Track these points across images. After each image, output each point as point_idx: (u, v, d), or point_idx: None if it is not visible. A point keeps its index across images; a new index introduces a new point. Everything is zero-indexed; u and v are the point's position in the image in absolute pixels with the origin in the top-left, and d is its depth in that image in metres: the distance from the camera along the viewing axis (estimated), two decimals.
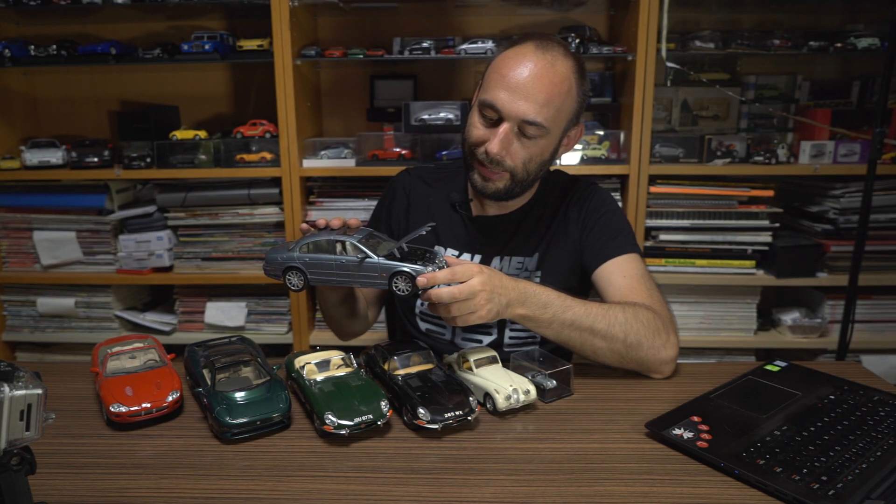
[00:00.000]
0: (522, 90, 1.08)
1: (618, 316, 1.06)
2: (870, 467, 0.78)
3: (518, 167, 1.14)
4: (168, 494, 0.77)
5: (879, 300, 2.17)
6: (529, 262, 1.26)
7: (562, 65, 1.10)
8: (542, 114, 1.09)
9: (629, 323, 1.05)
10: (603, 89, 2.25)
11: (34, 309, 2.30)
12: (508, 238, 1.27)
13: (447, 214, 1.30)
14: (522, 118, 1.09)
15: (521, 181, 1.16)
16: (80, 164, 2.14)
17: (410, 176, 1.37)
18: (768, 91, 2.31)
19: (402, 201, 1.35)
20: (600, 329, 1.05)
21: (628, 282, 1.16)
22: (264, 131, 2.13)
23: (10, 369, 0.59)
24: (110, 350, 1.04)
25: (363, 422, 0.88)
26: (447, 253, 1.28)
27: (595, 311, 1.05)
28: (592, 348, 1.07)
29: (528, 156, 1.13)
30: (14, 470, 0.59)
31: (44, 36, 2.32)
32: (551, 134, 1.12)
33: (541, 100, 1.08)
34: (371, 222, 1.40)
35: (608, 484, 0.79)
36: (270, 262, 1.05)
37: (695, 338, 2.18)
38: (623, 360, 1.08)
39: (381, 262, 0.98)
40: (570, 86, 1.11)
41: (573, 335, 1.05)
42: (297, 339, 2.22)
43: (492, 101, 1.10)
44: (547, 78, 1.08)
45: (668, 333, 1.08)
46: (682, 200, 2.10)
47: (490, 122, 1.12)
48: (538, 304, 1.03)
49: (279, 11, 1.97)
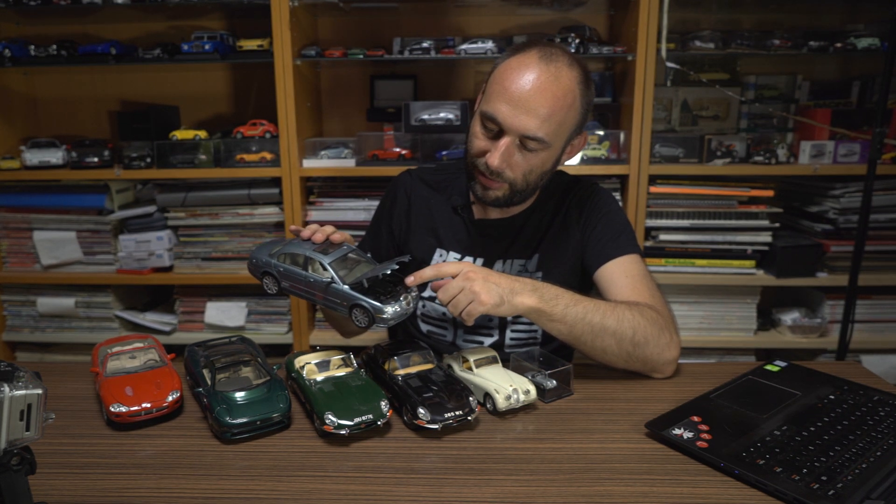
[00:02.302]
0: (524, 104, 1.05)
1: (625, 313, 1.05)
2: (870, 467, 0.78)
3: (518, 178, 1.13)
4: (168, 494, 0.77)
5: (879, 300, 2.17)
6: (530, 264, 1.26)
7: (566, 76, 1.08)
8: (544, 128, 1.07)
9: (636, 320, 1.04)
10: (603, 89, 2.25)
11: (34, 309, 2.30)
12: (511, 242, 1.26)
13: (449, 218, 1.29)
14: (524, 133, 1.07)
15: (521, 191, 1.15)
16: (80, 164, 2.14)
17: (412, 177, 1.36)
18: (768, 91, 2.31)
19: (403, 203, 1.34)
20: (610, 325, 1.03)
21: (630, 282, 1.15)
22: (264, 131, 2.13)
23: (10, 369, 0.59)
24: (110, 350, 1.04)
25: (363, 422, 0.88)
26: (450, 257, 1.28)
27: (604, 307, 1.04)
28: (602, 346, 1.05)
29: (529, 167, 1.12)
30: (14, 470, 0.59)
31: (44, 36, 2.32)
32: (553, 146, 1.11)
33: (543, 114, 1.06)
34: (372, 224, 1.39)
35: (608, 484, 0.79)
36: (253, 260, 1.06)
37: (695, 338, 2.18)
38: (630, 358, 1.06)
39: (344, 290, 0.97)
40: (574, 98, 1.09)
41: (585, 331, 1.03)
42: (297, 339, 2.22)
43: (493, 114, 1.08)
44: (550, 91, 1.06)
45: (671, 333, 1.08)
46: (682, 200, 2.10)
47: (491, 132, 1.10)
48: (549, 295, 1.02)
49: (279, 11, 1.97)
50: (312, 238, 1.05)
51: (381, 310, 0.95)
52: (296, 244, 1.04)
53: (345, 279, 0.98)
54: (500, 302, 0.98)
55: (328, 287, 0.98)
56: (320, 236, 1.05)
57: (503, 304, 0.98)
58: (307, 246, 1.03)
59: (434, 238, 1.29)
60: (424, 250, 1.29)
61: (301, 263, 1.01)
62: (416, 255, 1.29)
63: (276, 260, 1.03)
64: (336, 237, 1.07)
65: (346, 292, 0.97)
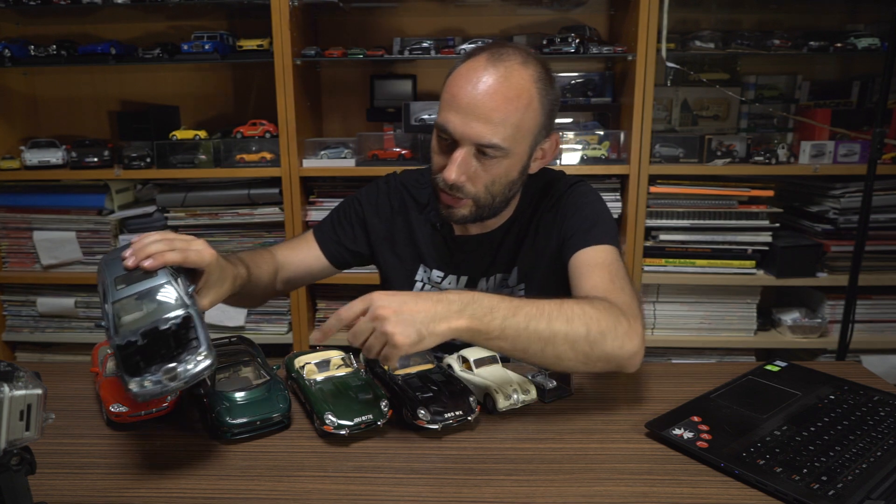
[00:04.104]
0: (474, 110, 0.98)
1: (574, 309, 0.91)
2: (870, 467, 0.78)
3: (480, 192, 1.05)
4: (168, 494, 0.77)
5: (879, 300, 2.17)
6: (510, 278, 1.20)
7: (518, 76, 1.00)
8: (500, 134, 0.99)
9: (588, 314, 0.91)
10: (603, 89, 2.25)
11: (34, 309, 2.30)
12: (492, 257, 1.20)
13: (430, 234, 1.22)
14: (477, 141, 1.00)
15: (487, 205, 1.07)
16: (80, 164, 2.14)
17: (395, 185, 1.27)
18: (768, 91, 2.31)
19: (385, 211, 1.25)
20: (559, 329, 0.89)
21: (590, 271, 1.05)
22: (264, 131, 2.13)
23: (10, 369, 0.59)
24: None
25: (363, 422, 0.88)
26: (433, 274, 1.22)
27: (549, 310, 0.90)
28: (556, 353, 0.90)
29: (491, 178, 1.04)
30: (14, 470, 0.59)
31: (44, 36, 2.32)
32: (515, 152, 1.03)
33: (496, 119, 0.98)
34: (339, 215, 1.28)
35: (608, 484, 0.79)
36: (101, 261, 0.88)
37: (695, 338, 2.18)
38: (589, 360, 0.92)
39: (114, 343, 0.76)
40: (529, 97, 1.01)
41: (532, 341, 0.89)
42: (297, 338, 2.22)
43: (444, 125, 1.01)
44: (500, 94, 0.98)
45: (629, 320, 0.94)
46: (682, 200, 2.10)
47: (447, 145, 1.03)
48: (481, 310, 0.87)
49: (279, 11, 1.97)
50: (124, 263, 0.83)
51: (126, 382, 0.75)
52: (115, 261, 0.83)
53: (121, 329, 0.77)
54: (419, 338, 0.83)
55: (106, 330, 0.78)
56: (131, 262, 0.83)
57: (423, 338, 0.83)
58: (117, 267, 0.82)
59: (416, 254, 1.24)
60: (407, 266, 1.24)
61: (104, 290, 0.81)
62: (398, 271, 1.24)
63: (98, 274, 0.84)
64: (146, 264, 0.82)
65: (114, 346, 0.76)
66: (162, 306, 0.79)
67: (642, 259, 2.09)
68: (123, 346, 0.76)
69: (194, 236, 0.91)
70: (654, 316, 2.19)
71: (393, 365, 0.86)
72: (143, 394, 0.75)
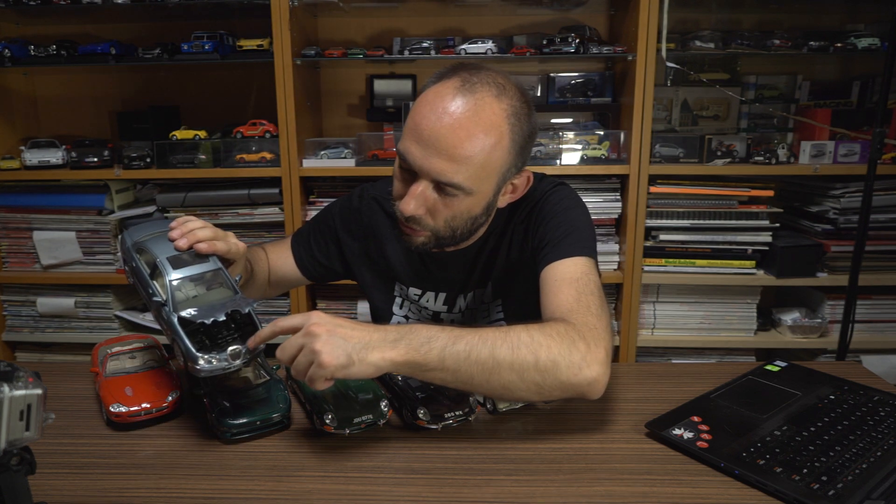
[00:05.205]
0: (436, 144, 0.90)
1: (521, 336, 0.84)
2: (870, 467, 0.78)
3: (440, 226, 0.98)
4: (168, 494, 0.77)
5: (879, 300, 2.17)
6: (486, 294, 1.16)
7: (489, 110, 0.91)
8: (462, 173, 0.91)
9: (536, 341, 0.84)
10: (603, 89, 2.25)
11: (34, 309, 2.30)
12: (468, 273, 1.15)
13: (404, 251, 1.17)
14: (436, 179, 0.92)
15: (447, 237, 1.01)
16: (80, 164, 2.14)
17: (365, 201, 1.22)
18: (768, 91, 2.31)
19: (357, 231, 1.22)
20: (504, 357, 0.82)
21: (556, 287, 0.97)
22: (264, 131, 2.13)
23: (10, 369, 0.59)
24: (110, 350, 1.04)
25: (363, 422, 0.88)
26: (409, 292, 1.19)
27: (493, 337, 0.84)
28: (502, 383, 0.84)
29: (451, 214, 0.97)
30: (14, 470, 0.59)
31: (44, 36, 2.32)
32: (478, 191, 0.95)
33: (459, 156, 0.90)
34: (318, 226, 1.26)
35: (608, 484, 0.79)
36: (121, 240, 0.94)
37: (695, 338, 2.18)
38: (542, 389, 0.85)
39: (171, 320, 0.82)
40: (499, 135, 0.92)
41: (474, 372, 0.82)
42: None
43: (403, 154, 0.94)
44: (466, 129, 0.90)
45: (587, 344, 0.86)
46: (682, 200, 2.10)
47: (408, 173, 0.96)
48: (417, 340, 0.82)
49: (279, 11, 1.97)
50: (175, 243, 0.89)
51: (196, 359, 0.80)
52: (160, 240, 0.89)
53: (179, 306, 0.82)
54: (348, 362, 0.79)
55: (160, 308, 0.84)
56: (183, 243, 0.88)
57: (352, 364, 0.79)
58: (167, 247, 0.88)
59: (392, 272, 1.20)
60: (384, 284, 1.22)
61: (150, 267, 0.86)
62: (376, 289, 1.23)
63: (135, 252, 0.89)
64: (203, 247, 0.89)
65: (172, 323, 0.81)
66: (218, 291, 0.86)
67: (642, 259, 2.09)
68: (189, 322, 0.81)
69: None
70: (654, 316, 2.19)
71: (319, 387, 0.80)
72: (210, 369, 0.81)
